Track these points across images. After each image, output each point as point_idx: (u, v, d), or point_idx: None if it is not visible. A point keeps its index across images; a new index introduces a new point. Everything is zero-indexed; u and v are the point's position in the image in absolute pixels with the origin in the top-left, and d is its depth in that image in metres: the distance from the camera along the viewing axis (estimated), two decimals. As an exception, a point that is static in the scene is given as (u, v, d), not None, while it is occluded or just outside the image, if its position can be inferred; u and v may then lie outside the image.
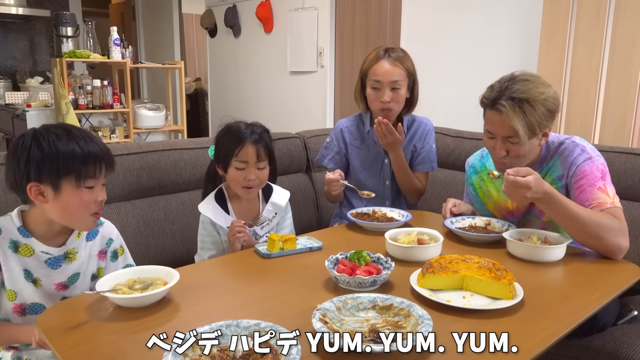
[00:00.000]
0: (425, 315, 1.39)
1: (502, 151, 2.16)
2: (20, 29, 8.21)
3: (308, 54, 5.93)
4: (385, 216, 2.52)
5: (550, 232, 2.13)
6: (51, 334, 1.44)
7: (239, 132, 2.31)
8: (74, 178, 1.70)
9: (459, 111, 4.35)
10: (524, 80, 2.10)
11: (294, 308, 1.58)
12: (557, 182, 2.24)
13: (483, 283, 1.63)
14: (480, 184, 2.52)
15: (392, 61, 2.70)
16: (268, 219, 2.42)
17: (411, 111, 2.88)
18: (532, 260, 1.98)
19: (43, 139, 1.68)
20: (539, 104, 2.06)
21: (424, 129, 2.92)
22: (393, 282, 1.76)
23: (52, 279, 1.84)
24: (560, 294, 1.73)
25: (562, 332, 1.44)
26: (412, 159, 2.93)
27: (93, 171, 1.73)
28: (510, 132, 2.10)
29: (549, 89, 2.10)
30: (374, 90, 2.75)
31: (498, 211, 2.47)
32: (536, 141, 2.16)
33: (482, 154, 2.55)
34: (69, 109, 5.03)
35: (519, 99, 2.06)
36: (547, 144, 2.28)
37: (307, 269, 1.93)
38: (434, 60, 4.56)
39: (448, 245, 2.17)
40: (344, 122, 2.99)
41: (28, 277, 1.79)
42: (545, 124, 2.10)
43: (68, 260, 1.86)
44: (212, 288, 1.76)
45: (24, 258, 1.78)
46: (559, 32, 3.75)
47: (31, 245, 1.78)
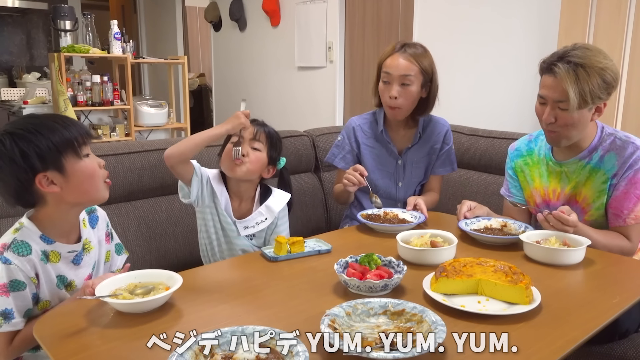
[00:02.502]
0: (438, 321, 1.39)
1: (551, 117, 2.20)
2: (17, 23, 8.24)
3: (317, 48, 5.93)
4: (397, 218, 2.52)
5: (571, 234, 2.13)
6: (48, 341, 1.44)
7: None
8: (71, 152, 1.74)
9: (473, 108, 4.36)
10: (584, 48, 2.15)
11: (301, 314, 1.59)
12: (610, 180, 2.28)
13: (499, 287, 1.64)
14: (523, 167, 2.54)
15: (406, 56, 2.70)
16: (255, 222, 2.44)
17: (427, 113, 2.88)
18: (551, 263, 1.97)
19: (23, 130, 1.69)
20: (594, 73, 2.09)
21: (441, 130, 2.92)
22: (405, 286, 1.76)
23: (82, 275, 1.89)
24: (579, 299, 1.73)
25: (582, 339, 1.43)
26: (430, 161, 2.93)
27: (82, 138, 1.77)
28: (561, 95, 2.13)
29: (608, 61, 2.14)
30: (384, 83, 2.76)
31: (535, 198, 2.50)
32: (587, 114, 2.19)
33: (529, 138, 2.57)
34: (67, 106, 5.04)
35: (574, 63, 2.10)
36: (600, 133, 2.31)
37: (315, 272, 1.93)
38: (447, 55, 4.55)
39: (462, 248, 2.17)
40: (356, 120, 2.99)
41: (61, 283, 1.82)
42: (598, 95, 2.12)
43: (86, 251, 1.91)
44: (217, 293, 1.76)
45: (55, 264, 1.80)
46: (579, 24, 3.73)
47: (57, 250, 1.80)
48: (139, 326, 1.50)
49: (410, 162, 2.90)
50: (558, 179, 2.39)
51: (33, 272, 1.73)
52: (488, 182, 3.31)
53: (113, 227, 2.11)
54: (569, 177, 2.36)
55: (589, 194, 2.32)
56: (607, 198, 2.29)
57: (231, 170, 2.35)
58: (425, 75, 2.74)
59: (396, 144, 2.89)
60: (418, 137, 2.88)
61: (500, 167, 2.66)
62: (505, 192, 2.63)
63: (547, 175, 2.44)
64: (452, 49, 4.58)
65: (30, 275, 1.72)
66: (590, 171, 2.30)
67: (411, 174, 2.91)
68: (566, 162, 2.36)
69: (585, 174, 2.31)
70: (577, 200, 2.35)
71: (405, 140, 2.90)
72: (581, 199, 2.34)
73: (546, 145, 2.44)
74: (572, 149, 2.33)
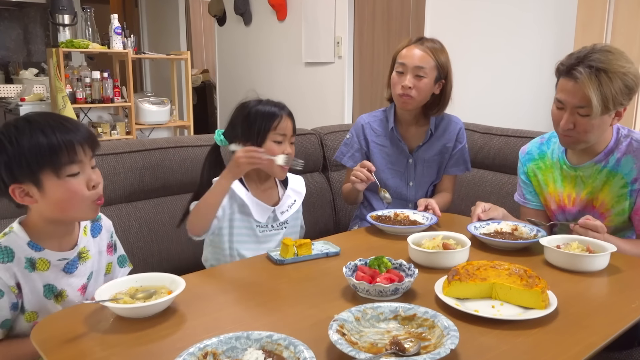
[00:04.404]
0: (451, 327, 1.40)
1: (569, 124, 2.19)
2: (14, 17, 8.27)
3: (325, 43, 5.93)
4: (408, 219, 2.52)
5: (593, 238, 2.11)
6: (46, 346, 1.44)
7: (272, 105, 2.38)
8: (50, 170, 1.65)
9: (487, 105, 4.35)
10: (605, 51, 2.13)
11: (309, 319, 1.59)
12: (630, 185, 2.27)
13: (514, 291, 1.64)
14: (536, 172, 2.53)
15: (422, 48, 2.73)
16: (287, 205, 2.49)
17: (441, 111, 2.89)
18: (573, 270, 1.95)
19: (4, 137, 1.64)
20: (617, 77, 2.08)
21: (454, 128, 2.93)
22: (416, 290, 1.76)
23: (75, 285, 1.85)
24: (597, 303, 1.73)
25: (600, 345, 1.43)
26: (443, 160, 2.93)
27: (68, 157, 1.67)
28: (582, 101, 2.12)
29: (630, 65, 2.13)
30: (397, 74, 2.77)
31: (549, 204, 2.49)
32: (608, 119, 2.18)
33: (541, 140, 2.56)
34: (65, 103, 5.05)
35: (596, 68, 2.08)
36: (617, 135, 2.31)
37: (323, 276, 1.93)
38: (460, 49, 4.53)
39: (475, 250, 2.16)
40: (366, 118, 3.00)
41: (49, 294, 1.79)
42: (620, 100, 2.12)
43: (82, 260, 1.87)
44: (221, 297, 1.77)
45: (43, 273, 1.77)
46: (597, 18, 3.73)
47: (46, 257, 1.77)
48: (140, 332, 1.50)
49: (421, 161, 2.91)
50: (573, 184, 2.38)
51: (13, 281, 1.70)
52: (502, 182, 3.31)
53: (114, 228, 2.09)
54: (585, 181, 2.35)
55: (607, 199, 2.31)
56: (629, 205, 2.28)
57: (280, 173, 2.43)
58: (440, 70, 2.75)
59: (407, 142, 2.90)
60: (429, 135, 2.89)
61: (515, 166, 2.65)
62: (520, 198, 2.62)
63: (561, 179, 2.42)
64: (465, 43, 4.57)
65: (9, 284, 1.69)
66: (607, 175, 2.29)
67: (422, 174, 2.92)
68: (581, 166, 2.34)
69: (601, 178, 2.31)
70: (595, 205, 2.34)
71: (417, 138, 2.91)
72: (598, 204, 2.34)
73: (559, 148, 2.43)
74: (587, 152, 2.32)
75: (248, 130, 2.35)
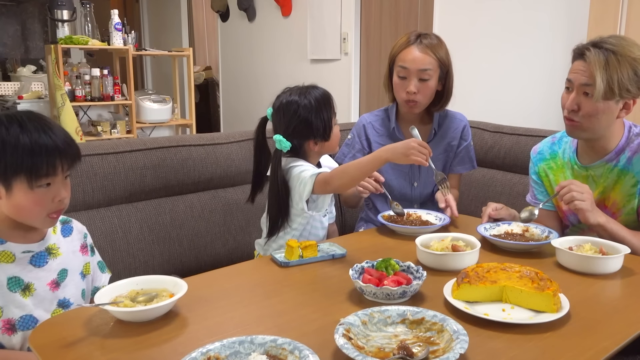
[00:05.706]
0: (460, 331, 1.40)
1: (574, 104, 2.22)
2: (11, 12, 8.28)
3: (330, 40, 5.92)
4: (419, 219, 2.53)
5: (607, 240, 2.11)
6: (44, 352, 1.45)
7: (313, 89, 2.40)
8: (24, 178, 1.66)
9: (497, 103, 4.34)
10: (620, 38, 2.19)
11: (314, 322, 1.59)
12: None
13: (525, 294, 1.63)
14: (547, 172, 2.53)
15: (422, 48, 2.70)
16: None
17: (444, 107, 2.89)
18: (586, 272, 1.94)
19: None
20: (625, 62, 2.12)
21: (458, 125, 2.93)
22: (425, 293, 1.76)
23: (44, 279, 1.84)
24: (610, 306, 1.73)
25: (613, 349, 1.43)
26: (448, 159, 2.93)
27: (46, 168, 1.68)
28: (588, 79, 2.16)
29: None
30: (400, 78, 2.76)
31: (562, 204, 2.47)
32: (614, 107, 2.19)
33: (552, 140, 2.57)
34: (64, 101, 5.06)
35: (606, 49, 2.14)
36: (628, 133, 2.31)
37: (329, 279, 1.94)
38: (469, 46, 4.53)
39: (485, 252, 2.16)
40: (367, 118, 3.00)
41: (16, 287, 1.78)
42: (627, 86, 2.13)
43: (52, 255, 1.87)
44: (224, 300, 1.77)
45: (6, 265, 1.77)
46: (610, 14, 3.72)
47: (10, 250, 1.77)
48: (141, 336, 1.51)
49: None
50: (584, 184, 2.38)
51: None
52: (513, 182, 3.30)
53: (113, 229, 2.09)
54: (596, 181, 2.35)
55: (618, 199, 2.31)
56: (638, 202, 2.28)
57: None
58: (442, 67, 2.75)
59: (410, 142, 2.89)
60: (433, 134, 2.89)
61: (526, 166, 2.65)
62: (532, 199, 2.62)
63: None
64: (475, 40, 4.56)
65: None
66: (619, 174, 2.30)
67: (427, 174, 2.90)
68: (592, 166, 2.35)
69: (613, 177, 2.31)
70: (607, 205, 2.34)
71: (420, 137, 2.90)
72: (610, 204, 2.34)
73: (570, 148, 2.43)
74: (597, 151, 2.32)
75: (312, 125, 2.36)
